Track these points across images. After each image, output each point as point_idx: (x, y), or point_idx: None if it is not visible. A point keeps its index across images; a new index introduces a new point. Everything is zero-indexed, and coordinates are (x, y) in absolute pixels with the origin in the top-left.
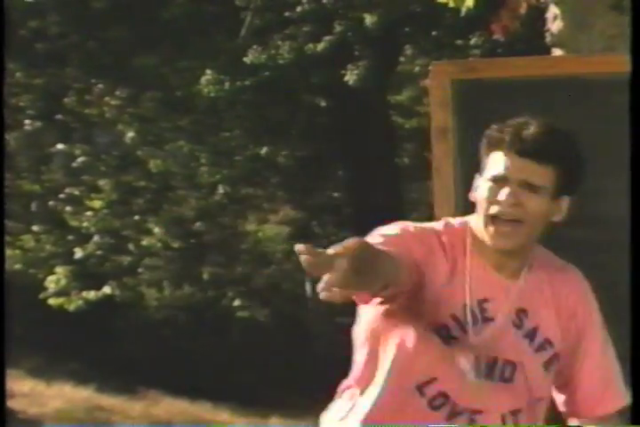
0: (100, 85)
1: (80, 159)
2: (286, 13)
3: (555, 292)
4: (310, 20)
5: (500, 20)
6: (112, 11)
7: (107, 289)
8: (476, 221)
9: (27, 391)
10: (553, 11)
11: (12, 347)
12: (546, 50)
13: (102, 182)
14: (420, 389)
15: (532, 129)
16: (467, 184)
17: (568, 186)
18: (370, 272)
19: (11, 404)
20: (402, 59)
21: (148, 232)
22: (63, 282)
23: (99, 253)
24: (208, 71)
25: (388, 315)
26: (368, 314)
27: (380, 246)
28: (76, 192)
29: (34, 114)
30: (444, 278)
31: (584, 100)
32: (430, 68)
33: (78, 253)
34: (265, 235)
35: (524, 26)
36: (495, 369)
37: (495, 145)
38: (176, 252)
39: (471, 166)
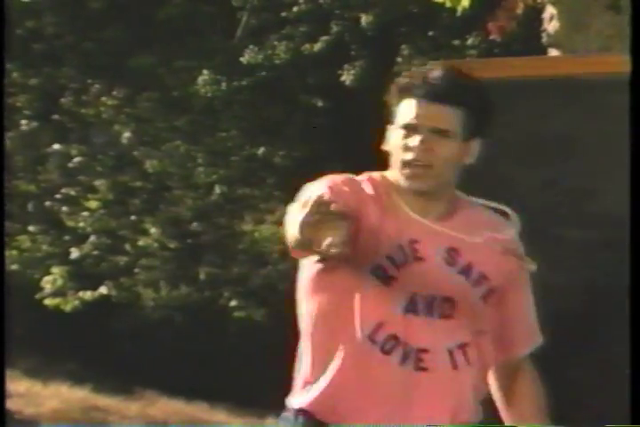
0: (97, 85)
1: (76, 159)
2: (283, 13)
3: (487, 232)
4: (307, 20)
5: (497, 21)
6: (108, 11)
7: (103, 289)
8: (391, 173)
9: (23, 392)
10: (549, 11)
11: (10, 347)
12: (542, 50)
13: (98, 183)
14: (371, 337)
15: (436, 73)
16: (464, 185)
17: (477, 129)
18: None
19: (7, 404)
20: (399, 59)
21: (145, 232)
22: (59, 282)
23: (95, 253)
24: (205, 71)
25: (326, 267)
26: (307, 271)
27: None
28: (73, 192)
29: (30, 114)
30: (376, 223)
31: (581, 100)
32: None
33: (75, 253)
34: (261, 235)
35: (521, 26)
36: (434, 306)
37: (404, 92)
38: (172, 252)
39: (467, 166)
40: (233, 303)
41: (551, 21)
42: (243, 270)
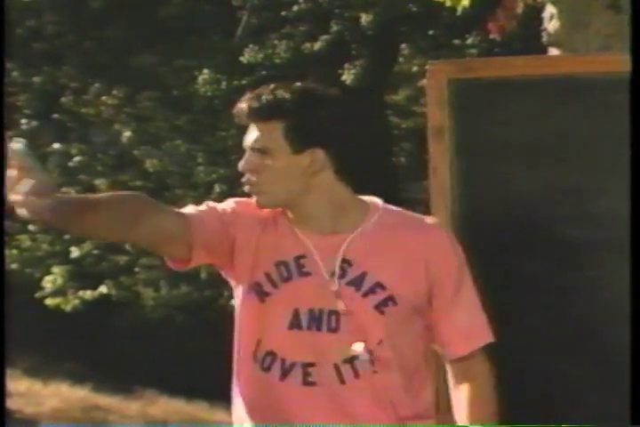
0: (97, 85)
1: (76, 159)
2: (283, 13)
3: (396, 242)
4: (307, 19)
5: (497, 20)
6: (109, 10)
7: (103, 289)
8: None
9: (23, 391)
10: (549, 10)
11: (10, 347)
12: (542, 49)
13: (99, 182)
14: (254, 355)
15: (250, 93)
16: (464, 184)
17: (308, 138)
18: None
19: (7, 403)
20: (400, 58)
21: None
22: (60, 282)
23: (95, 252)
24: (205, 71)
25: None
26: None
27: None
28: (73, 191)
29: (30, 113)
30: (255, 241)
31: (581, 100)
32: (427, 67)
33: (75, 252)
34: None
35: (521, 25)
36: (321, 320)
37: (237, 121)
38: None
39: (468, 166)
40: (233, 303)
41: (551, 21)
42: None
